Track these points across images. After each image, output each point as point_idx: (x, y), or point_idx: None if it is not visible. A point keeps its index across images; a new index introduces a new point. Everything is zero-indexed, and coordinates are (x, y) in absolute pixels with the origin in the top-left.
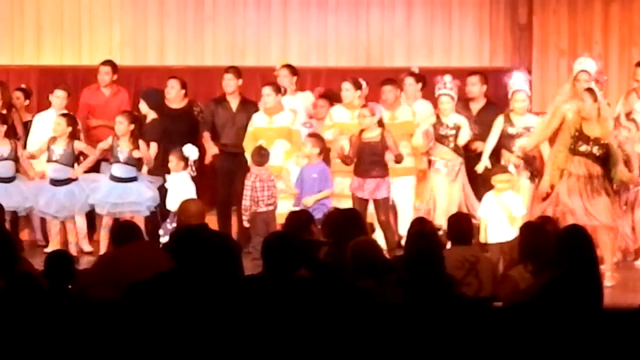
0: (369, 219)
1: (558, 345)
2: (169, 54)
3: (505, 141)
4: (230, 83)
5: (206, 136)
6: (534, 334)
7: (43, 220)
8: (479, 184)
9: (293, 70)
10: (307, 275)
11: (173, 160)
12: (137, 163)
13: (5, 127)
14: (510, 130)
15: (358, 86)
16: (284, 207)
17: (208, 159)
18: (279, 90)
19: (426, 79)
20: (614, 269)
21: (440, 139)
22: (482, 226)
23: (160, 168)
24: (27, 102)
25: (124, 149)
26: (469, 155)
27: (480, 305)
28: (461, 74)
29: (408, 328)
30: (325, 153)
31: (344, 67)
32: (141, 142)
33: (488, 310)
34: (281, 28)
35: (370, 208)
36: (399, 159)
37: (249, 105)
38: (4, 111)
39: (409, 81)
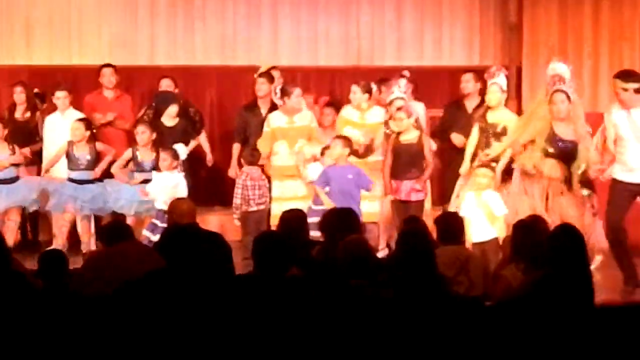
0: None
1: (549, 343)
2: (159, 53)
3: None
4: (262, 87)
5: (235, 148)
6: (525, 332)
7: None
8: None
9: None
10: (300, 274)
11: (167, 159)
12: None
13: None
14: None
15: (367, 89)
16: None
17: (210, 161)
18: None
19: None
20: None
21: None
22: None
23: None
24: (45, 105)
25: (145, 158)
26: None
27: (471, 304)
28: (452, 72)
29: (400, 327)
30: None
31: (335, 65)
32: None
33: (479, 308)
34: (271, 27)
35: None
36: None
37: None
38: (28, 114)
39: (402, 83)
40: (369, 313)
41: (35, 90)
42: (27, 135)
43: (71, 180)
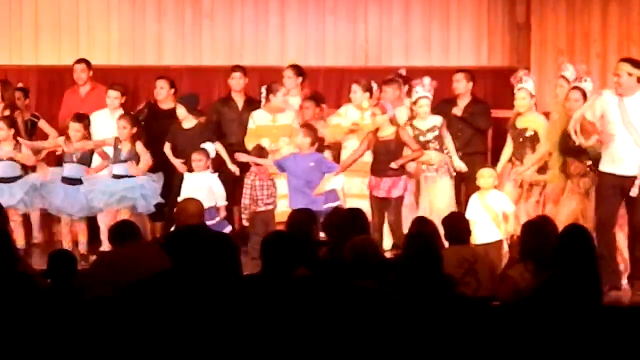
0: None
1: (557, 343)
2: (167, 54)
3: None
4: (239, 82)
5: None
6: (533, 333)
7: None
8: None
9: (299, 70)
10: (307, 274)
11: (202, 159)
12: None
13: (12, 130)
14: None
15: (367, 88)
16: (284, 206)
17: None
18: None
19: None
20: None
21: (423, 145)
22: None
23: (159, 166)
24: (27, 100)
25: (124, 148)
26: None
27: (479, 305)
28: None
29: (407, 327)
30: (319, 145)
31: (342, 66)
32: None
33: (487, 309)
34: (279, 27)
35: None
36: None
37: (255, 104)
38: (7, 112)
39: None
40: (375, 313)
41: (20, 84)
42: None
43: (65, 179)
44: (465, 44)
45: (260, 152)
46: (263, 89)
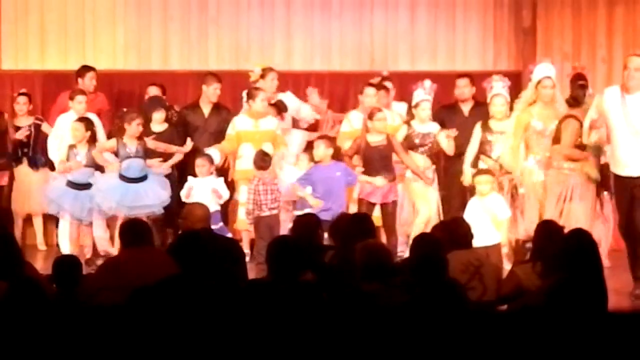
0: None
1: (563, 349)
2: (173, 58)
3: (483, 147)
4: (216, 92)
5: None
6: (539, 338)
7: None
8: (457, 189)
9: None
10: (313, 279)
11: (205, 165)
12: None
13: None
14: (489, 137)
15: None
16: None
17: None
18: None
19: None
20: None
21: (415, 147)
22: None
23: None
24: (30, 105)
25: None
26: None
27: (484, 310)
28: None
29: (413, 332)
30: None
31: (348, 70)
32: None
33: (493, 314)
34: (285, 31)
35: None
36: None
37: (222, 110)
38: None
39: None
40: (381, 319)
41: (23, 90)
42: None
43: (70, 183)
44: (471, 49)
45: (263, 158)
46: (244, 94)
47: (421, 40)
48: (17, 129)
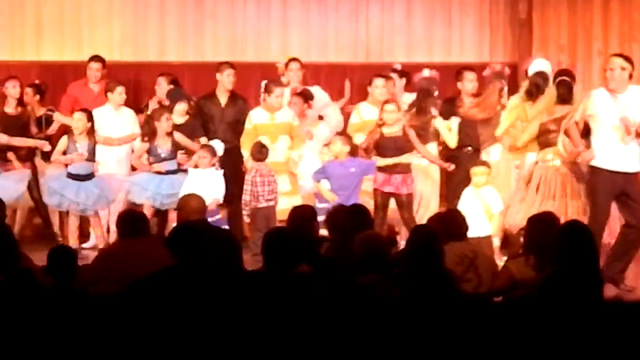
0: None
1: (558, 340)
2: (169, 50)
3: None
4: (231, 79)
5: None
6: (534, 330)
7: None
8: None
9: (301, 64)
10: (309, 271)
11: (207, 157)
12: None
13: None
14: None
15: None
16: (285, 204)
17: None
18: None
19: (410, 74)
20: None
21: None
22: None
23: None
24: (39, 97)
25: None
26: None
27: (479, 301)
28: (462, 70)
29: (409, 324)
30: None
31: (344, 62)
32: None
33: (488, 305)
34: (281, 24)
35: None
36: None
37: (238, 100)
38: (19, 108)
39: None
40: (376, 310)
41: (36, 81)
42: (19, 129)
43: (70, 175)
44: (467, 41)
45: (261, 149)
46: (262, 84)
47: (417, 32)
48: (38, 118)
